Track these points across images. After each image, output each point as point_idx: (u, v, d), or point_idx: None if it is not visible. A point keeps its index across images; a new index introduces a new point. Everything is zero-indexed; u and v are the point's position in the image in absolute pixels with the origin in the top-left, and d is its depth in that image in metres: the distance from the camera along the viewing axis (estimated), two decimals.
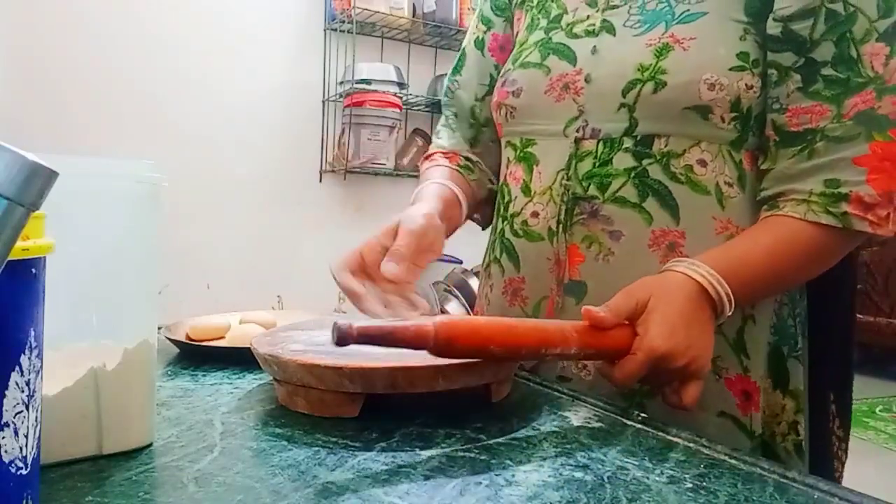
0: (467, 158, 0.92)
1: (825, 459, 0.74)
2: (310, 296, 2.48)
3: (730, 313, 0.63)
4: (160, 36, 2.38)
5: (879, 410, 3.81)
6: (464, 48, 0.95)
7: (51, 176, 0.27)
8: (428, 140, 2.63)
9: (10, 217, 0.26)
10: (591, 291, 0.71)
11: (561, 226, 0.73)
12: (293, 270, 2.55)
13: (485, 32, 0.92)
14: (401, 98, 2.65)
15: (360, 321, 0.49)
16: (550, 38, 0.78)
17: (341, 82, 2.65)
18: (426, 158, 0.95)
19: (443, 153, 0.93)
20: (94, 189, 0.43)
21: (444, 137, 0.95)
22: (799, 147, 0.66)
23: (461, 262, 2.59)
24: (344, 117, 2.62)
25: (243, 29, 2.53)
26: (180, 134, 2.41)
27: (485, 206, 0.94)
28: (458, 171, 0.90)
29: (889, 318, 4.56)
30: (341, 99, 2.63)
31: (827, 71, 0.64)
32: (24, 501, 0.32)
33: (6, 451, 0.31)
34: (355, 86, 2.55)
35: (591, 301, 0.70)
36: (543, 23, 0.80)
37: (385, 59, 2.75)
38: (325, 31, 2.66)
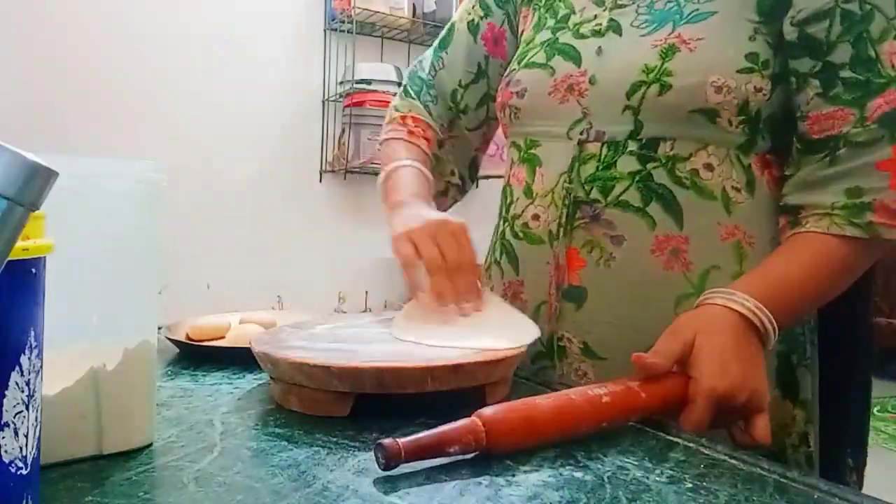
0: (439, 144, 0.91)
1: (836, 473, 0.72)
2: (310, 296, 2.48)
3: (775, 339, 0.61)
4: (160, 36, 2.38)
5: (878, 410, 3.81)
6: (454, 24, 0.91)
7: (51, 176, 0.27)
8: None
9: (10, 217, 0.26)
10: (591, 297, 0.69)
11: (562, 229, 0.71)
12: (293, 270, 2.54)
13: (481, 18, 0.89)
14: None
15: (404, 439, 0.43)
16: (557, 39, 0.76)
17: (341, 82, 2.64)
18: (399, 123, 0.91)
19: (422, 132, 0.89)
20: (94, 189, 0.43)
21: (424, 102, 0.91)
22: (821, 154, 0.64)
23: None
24: (344, 117, 2.62)
25: (243, 29, 2.52)
26: (180, 134, 2.40)
27: (439, 197, 0.92)
28: (430, 157, 0.88)
29: (889, 318, 4.55)
30: (341, 99, 2.63)
31: (846, 73, 0.63)
32: (24, 501, 0.32)
33: (6, 451, 0.31)
34: (355, 86, 2.54)
35: (591, 306, 0.69)
36: (551, 23, 0.79)
37: (385, 59, 2.74)
38: (325, 31, 2.66)
